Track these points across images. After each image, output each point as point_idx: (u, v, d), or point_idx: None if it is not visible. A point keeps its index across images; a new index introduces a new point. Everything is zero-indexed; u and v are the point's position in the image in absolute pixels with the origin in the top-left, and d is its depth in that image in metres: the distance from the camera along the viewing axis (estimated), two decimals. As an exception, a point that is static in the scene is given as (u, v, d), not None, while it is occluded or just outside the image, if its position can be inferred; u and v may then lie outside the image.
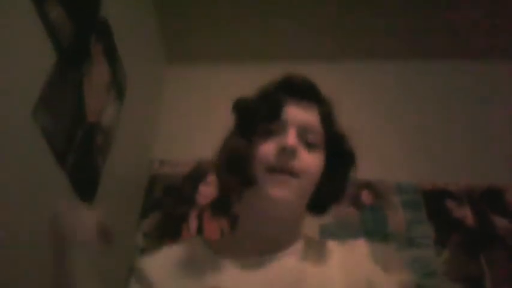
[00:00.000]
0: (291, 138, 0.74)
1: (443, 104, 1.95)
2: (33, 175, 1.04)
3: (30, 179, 1.03)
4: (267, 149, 0.74)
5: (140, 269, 0.76)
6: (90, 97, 1.32)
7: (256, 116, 0.77)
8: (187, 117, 1.95)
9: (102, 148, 1.41)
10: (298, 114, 0.77)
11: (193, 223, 1.70)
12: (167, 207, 1.76)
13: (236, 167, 0.73)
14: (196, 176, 1.81)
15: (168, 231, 1.69)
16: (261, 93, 0.81)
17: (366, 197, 1.73)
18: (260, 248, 0.75)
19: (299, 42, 2.00)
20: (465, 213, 1.69)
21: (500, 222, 1.66)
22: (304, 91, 0.80)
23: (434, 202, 1.71)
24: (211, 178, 1.71)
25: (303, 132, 0.76)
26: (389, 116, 1.91)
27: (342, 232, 1.60)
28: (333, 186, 0.80)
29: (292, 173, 0.72)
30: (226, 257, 0.75)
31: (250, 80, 0.86)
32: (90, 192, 1.32)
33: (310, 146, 0.76)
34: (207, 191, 1.75)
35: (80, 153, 1.25)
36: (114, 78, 1.51)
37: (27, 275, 0.99)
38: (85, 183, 1.29)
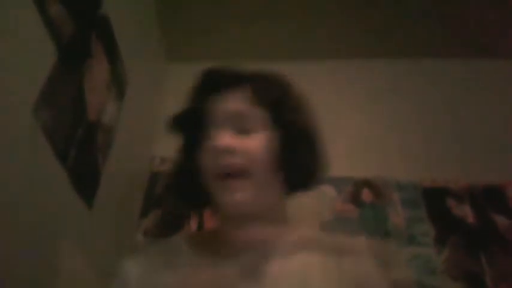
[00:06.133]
0: (220, 137, 0.70)
1: (443, 101, 1.96)
2: (33, 173, 1.04)
3: (31, 177, 1.03)
4: (206, 156, 0.72)
5: (120, 268, 0.74)
6: (91, 94, 1.32)
7: (188, 130, 0.78)
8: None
9: (102, 146, 1.41)
10: (224, 108, 0.74)
11: (193, 221, 1.70)
12: (168, 205, 1.76)
13: (183, 190, 0.77)
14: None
15: (168, 229, 1.69)
16: (188, 101, 0.80)
17: (366, 194, 1.73)
18: (242, 249, 0.70)
19: (299, 42, 2.00)
20: (465, 211, 1.69)
21: (500, 220, 1.66)
22: (223, 82, 0.77)
23: (434, 200, 1.71)
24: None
25: (234, 123, 0.72)
26: (389, 114, 1.91)
27: (342, 230, 1.61)
28: (299, 161, 0.73)
29: (238, 171, 0.68)
30: (208, 257, 0.71)
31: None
32: (90, 190, 1.32)
33: (247, 131, 0.72)
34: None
35: (80, 151, 1.25)
36: (115, 75, 1.51)
37: (27, 272, 0.99)
38: (86, 181, 1.30)
